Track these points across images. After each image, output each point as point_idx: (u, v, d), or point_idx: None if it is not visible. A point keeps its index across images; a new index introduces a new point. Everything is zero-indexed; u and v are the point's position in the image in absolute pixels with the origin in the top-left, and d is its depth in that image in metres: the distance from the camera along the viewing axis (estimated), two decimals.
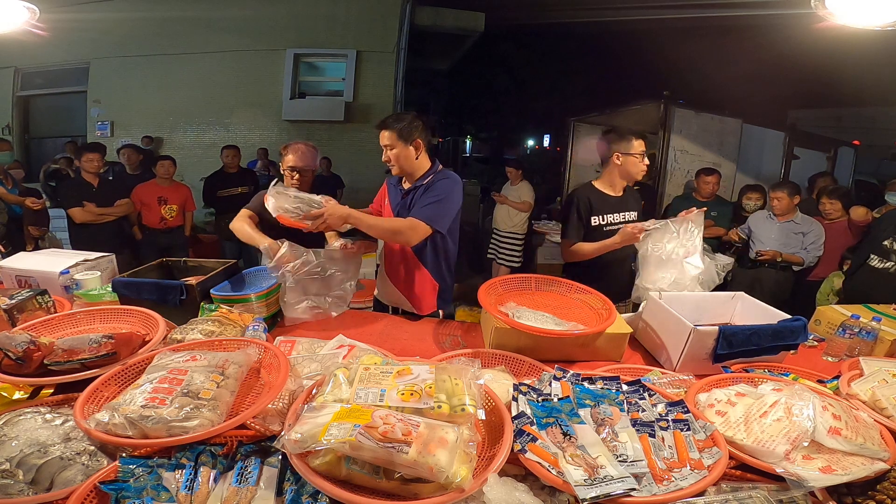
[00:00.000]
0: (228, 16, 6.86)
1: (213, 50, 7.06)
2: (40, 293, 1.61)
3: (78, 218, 3.68)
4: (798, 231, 3.30)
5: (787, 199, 3.30)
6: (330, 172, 6.74)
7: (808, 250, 3.25)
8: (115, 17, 6.74)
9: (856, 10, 1.55)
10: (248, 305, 1.69)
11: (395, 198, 2.04)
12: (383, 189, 2.15)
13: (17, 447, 0.91)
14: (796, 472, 0.93)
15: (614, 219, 2.18)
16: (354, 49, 7.03)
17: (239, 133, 7.21)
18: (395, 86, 7.10)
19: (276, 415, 1.03)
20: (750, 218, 3.59)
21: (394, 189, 2.07)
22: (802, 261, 3.25)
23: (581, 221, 2.16)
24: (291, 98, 7.19)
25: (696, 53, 7.40)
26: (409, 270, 2.03)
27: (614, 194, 2.22)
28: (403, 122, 1.87)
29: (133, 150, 5.08)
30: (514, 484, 0.90)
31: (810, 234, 3.28)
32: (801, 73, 7.13)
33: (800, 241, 3.29)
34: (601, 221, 2.18)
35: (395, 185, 2.07)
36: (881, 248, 2.68)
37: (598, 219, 2.17)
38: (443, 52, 8.94)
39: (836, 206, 3.33)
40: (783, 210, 3.33)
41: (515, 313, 1.62)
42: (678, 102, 4.67)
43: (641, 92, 5.55)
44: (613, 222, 2.18)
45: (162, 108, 7.26)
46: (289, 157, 2.20)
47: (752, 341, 1.50)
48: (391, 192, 2.09)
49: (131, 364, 1.19)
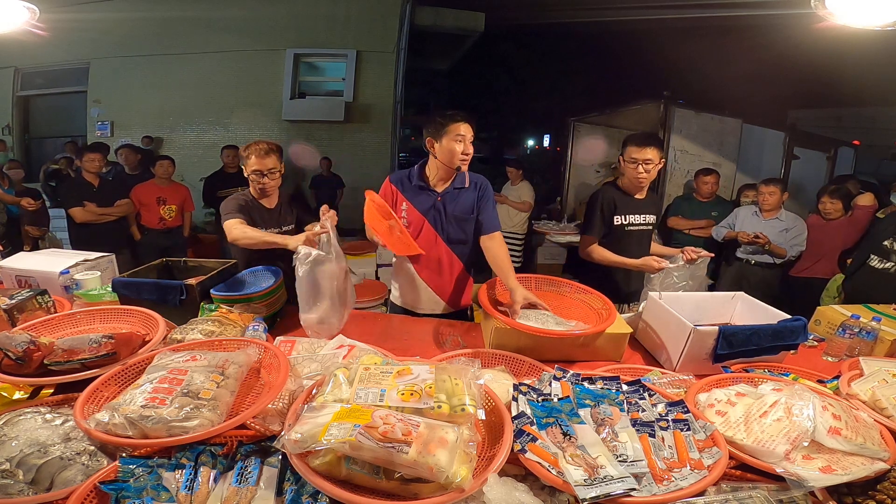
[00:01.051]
0: (228, 16, 6.86)
1: (213, 50, 7.05)
2: (40, 293, 1.61)
3: (78, 218, 3.69)
4: (782, 228, 3.36)
5: (778, 193, 3.36)
6: (330, 172, 6.75)
7: (792, 246, 3.33)
8: (115, 17, 6.74)
9: (856, 10, 1.55)
10: (248, 305, 1.69)
11: (424, 201, 1.94)
12: (391, 190, 1.96)
13: (17, 447, 0.91)
14: (796, 472, 0.93)
15: (635, 219, 2.21)
16: (354, 49, 7.02)
17: (239, 133, 7.20)
18: (395, 86, 7.10)
19: (276, 415, 1.03)
20: (736, 212, 3.61)
21: (417, 191, 1.94)
22: (785, 253, 3.32)
23: (604, 220, 2.19)
24: (291, 98, 7.19)
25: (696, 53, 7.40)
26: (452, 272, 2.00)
27: (634, 195, 2.23)
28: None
29: (131, 150, 5.09)
30: (514, 484, 0.90)
31: (793, 229, 3.34)
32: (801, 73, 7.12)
33: (784, 237, 3.35)
34: (623, 221, 2.20)
35: (421, 188, 1.94)
36: (881, 248, 2.68)
37: (620, 218, 2.20)
38: (443, 52, 8.93)
39: (837, 205, 3.34)
40: (773, 205, 3.37)
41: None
42: (678, 102, 4.67)
43: (641, 92, 5.55)
44: (634, 223, 2.21)
45: (162, 108, 7.25)
46: (251, 160, 2.03)
47: (752, 341, 1.50)
48: (413, 193, 1.95)
49: (131, 364, 1.19)
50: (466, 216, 1.96)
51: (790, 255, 3.33)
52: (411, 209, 1.95)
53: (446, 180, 1.94)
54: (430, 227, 1.95)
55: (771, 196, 3.35)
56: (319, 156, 6.86)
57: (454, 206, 1.94)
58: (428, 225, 1.95)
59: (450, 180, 1.94)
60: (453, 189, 1.94)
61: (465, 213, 1.95)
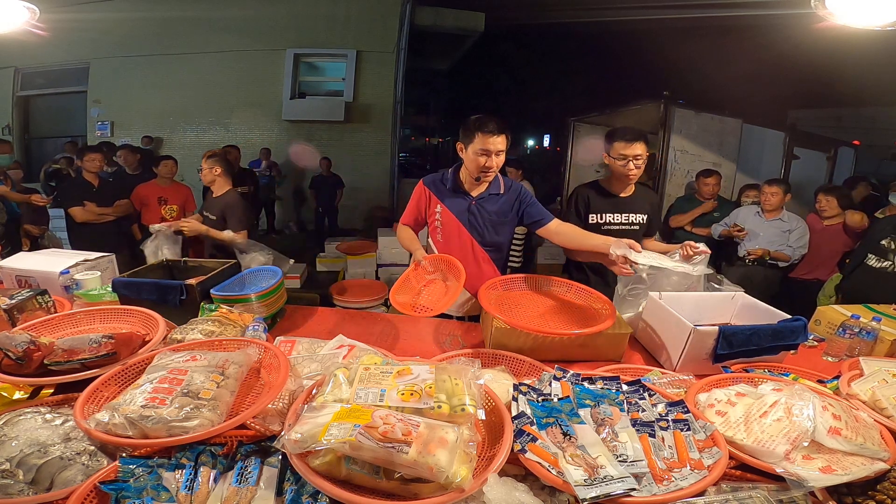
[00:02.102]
0: (228, 16, 6.86)
1: (213, 50, 7.06)
2: (40, 293, 1.61)
3: (78, 217, 3.69)
4: (785, 229, 3.35)
5: (781, 194, 3.36)
6: (330, 172, 6.75)
7: (794, 247, 3.32)
8: (115, 17, 6.75)
9: (856, 10, 1.55)
10: (248, 305, 1.69)
11: (459, 204, 1.98)
12: (426, 193, 2.00)
13: (17, 447, 0.91)
14: (796, 472, 0.93)
15: (614, 218, 2.18)
16: (354, 49, 7.03)
17: (239, 133, 7.21)
18: (395, 86, 7.11)
19: (276, 415, 1.03)
20: (737, 212, 3.60)
21: (452, 195, 1.98)
22: (789, 258, 3.32)
23: (579, 218, 2.18)
24: (291, 98, 7.20)
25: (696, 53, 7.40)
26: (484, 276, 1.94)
27: (618, 194, 2.19)
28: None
29: (129, 150, 5.08)
30: (514, 484, 0.90)
31: (796, 231, 3.33)
32: (801, 73, 7.13)
33: (786, 238, 3.34)
34: (599, 220, 2.18)
35: (456, 191, 1.97)
36: (879, 247, 2.68)
37: (595, 217, 2.18)
38: (443, 52, 8.94)
39: (832, 202, 3.32)
40: (775, 206, 3.37)
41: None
42: (678, 102, 4.67)
43: (641, 92, 5.54)
44: (612, 222, 2.18)
45: (162, 108, 7.26)
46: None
47: (752, 341, 1.50)
48: (448, 197, 1.98)
49: (131, 364, 1.19)
50: (503, 219, 1.99)
51: (793, 257, 3.32)
52: (445, 211, 1.98)
53: (479, 185, 1.97)
54: (464, 230, 1.98)
55: (774, 196, 3.34)
56: (319, 156, 6.86)
57: (490, 209, 1.97)
58: (463, 228, 1.98)
59: (484, 185, 1.97)
60: (489, 194, 1.97)
61: (501, 217, 1.99)
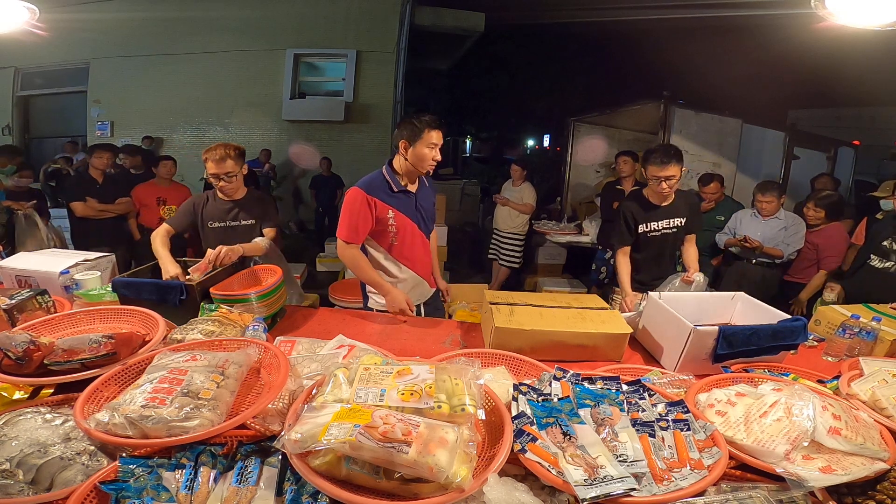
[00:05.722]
0: (228, 16, 6.86)
1: (213, 50, 7.06)
2: (40, 293, 1.61)
3: (79, 212, 3.74)
4: (781, 227, 3.36)
5: (775, 201, 3.37)
6: (330, 172, 6.75)
7: (788, 244, 3.33)
8: (115, 17, 6.75)
9: (856, 10, 1.55)
10: (248, 305, 1.69)
11: (407, 205, 2.03)
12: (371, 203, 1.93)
13: (17, 447, 0.91)
14: (796, 472, 0.93)
15: (656, 226, 2.49)
16: (354, 49, 7.03)
17: (239, 133, 7.21)
18: (395, 86, 7.10)
19: (276, 415, 1.03)
20: (736, 216, 3.61)
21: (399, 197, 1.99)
22: (782, 254, 3.33)
23: (630, 232, 2.49)
24: (291, 98, 7.20)
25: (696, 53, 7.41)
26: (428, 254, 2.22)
27: (659, 204, 2.47)
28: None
29: (129, 151, 5.09)
30: (514, 484, 0.90)
31: (791, 227, 3.34)
32: (801, 73, 7.14)
33: (783, 236, 3.35)
34: (645, 229, 2.49)
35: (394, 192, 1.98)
36: (881, 248, 2.68)
37: (642, 226, 2.48)
38: (443, 52, 8.93)
39: (820, 214, 3.30)
40: (771, 212, 3.38)
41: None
42: (678, 102, 4.65)
43: (641, 92, 5.54)
44: (655, 229, 2.49)
45: (162, 108, 7.26)
46: (209, 164, 2.17)
47: (752, 341, 1.50)
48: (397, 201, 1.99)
49: (131, 364, 1.19)
50: (433, 210, 2.22)
51: (786, 253, 3.32)
52: (399, 215, 2.01)
53: (415, 181, 2.07)
54: (415, 227, 2.08)
55: (769, 205, 3.36)
56: (319, 156, 6.86)
57: (425, 205, 2.12)
58: (416, 227, 2.09)
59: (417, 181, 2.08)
60: (421, 190, 2.10)
61: (432, 208, 2.21)
